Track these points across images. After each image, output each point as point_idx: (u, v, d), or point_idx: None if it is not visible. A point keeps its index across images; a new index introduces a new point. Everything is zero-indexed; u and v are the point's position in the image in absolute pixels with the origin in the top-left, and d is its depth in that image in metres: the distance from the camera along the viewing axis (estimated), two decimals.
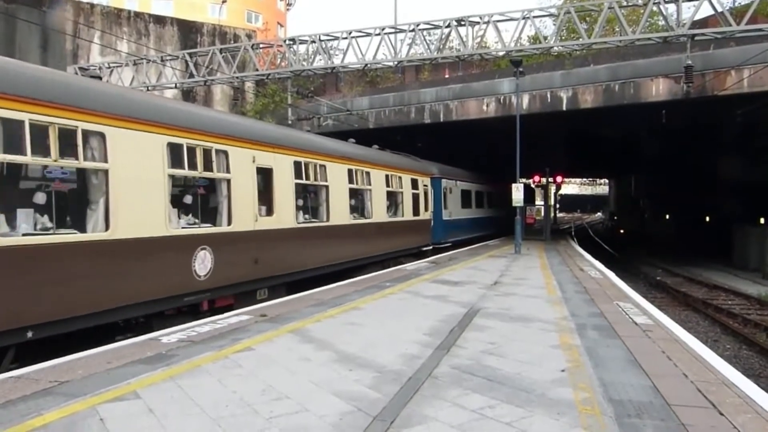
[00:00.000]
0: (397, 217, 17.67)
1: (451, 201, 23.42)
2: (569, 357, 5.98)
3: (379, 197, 16.09)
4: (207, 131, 9.09)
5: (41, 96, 6.36)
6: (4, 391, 4.76)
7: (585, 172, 63.87)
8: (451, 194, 23.29)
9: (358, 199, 15.01)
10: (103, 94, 7.65)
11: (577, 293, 10.70)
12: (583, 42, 16.14)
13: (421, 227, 19.86)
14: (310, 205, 12.67)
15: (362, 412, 4.33)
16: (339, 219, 13.49)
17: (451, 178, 23.67)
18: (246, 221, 9.88)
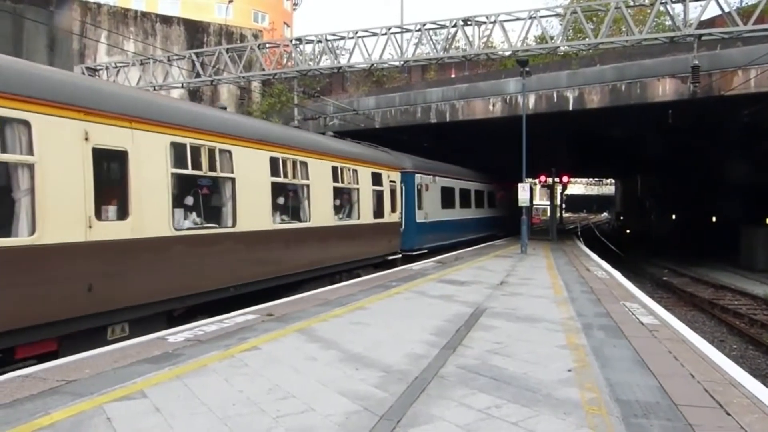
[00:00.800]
0: (351, 219, 14.30)
1: (429, 200, 20.29)
2: (576, 357, 5.97)
3: (322, 195, 12.82)
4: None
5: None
6: (11, 389, 4.79)
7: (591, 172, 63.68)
8: (428, 192, 20.17)
9: (288, 197, 11.71)
10: None
11: (583, 293, 10.67)
12: (590, 42, 16.08)
13: (386, 231, 16.40)
14: (206, 203, 9.28)
15: (369, 411, 4.33)
16: (255, 223, 10.18)
17: (429, 174, 20.57)
18: (67, 228, 6.58)
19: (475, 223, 26.77)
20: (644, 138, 28.12)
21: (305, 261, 11.98)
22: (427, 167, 20.64)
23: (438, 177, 21.42)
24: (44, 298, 6.33)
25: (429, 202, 20.19)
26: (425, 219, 19.67)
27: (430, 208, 20.33)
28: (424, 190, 19.75)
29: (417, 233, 19.01)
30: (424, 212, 19.60)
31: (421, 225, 19.34)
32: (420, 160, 20.37)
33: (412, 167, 19.01)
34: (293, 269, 11.54)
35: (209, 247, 9.15)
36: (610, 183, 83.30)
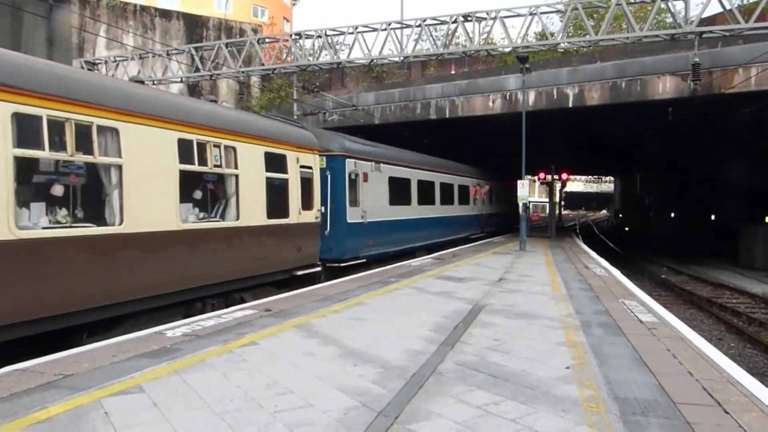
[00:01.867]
0: (226, 221, 9.61)
1: (370, 194, 15.62)
2: (574, 354, 5.96)
3: (157, 183, 8.06)
4: None
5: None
6: (8, 383, 4.78)
7: (590, 169, 63.70)
8: (368, 183, 15.58)
9: (86, 185, 7.27)
10: None
11: (582, 290, 10.67)
12: (591, 39, 16.06)
13: (293, 236, 11.60)
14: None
15: (367, 407, 4.33)
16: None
17: (370, 159, 15.88)
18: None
19: (447, 223, 22.55)
20: (644, 136, 28.13)
21: (125, 286, 7.49)
22: (366, 151, 16.07)
23: (385, 164, 16.90)
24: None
25: (369, 197, 15.53)
26: (362, 218, 15.08)
27: (371, 205, 15.57)
28: (362, 181, 15.23)
29: (349, 237, 14.58)
30: (360, 209, 15.03)
31: (355, 227, 14.86)
32: (356, 141, 16.02)
33: (340, 149, 14.59)
34: (100, 300, 7.13)
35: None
36: (609, 180, 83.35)
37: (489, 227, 29.63)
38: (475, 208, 27.34)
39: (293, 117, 22.69)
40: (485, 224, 28.94)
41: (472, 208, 26.72)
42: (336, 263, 14.04)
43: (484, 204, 28.84)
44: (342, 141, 15.06)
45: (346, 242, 14.50)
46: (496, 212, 31.85)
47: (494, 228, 30.59)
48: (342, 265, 14.17)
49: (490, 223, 29.91)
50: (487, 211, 29.54)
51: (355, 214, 14.93)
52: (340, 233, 14.22)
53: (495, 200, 31.65)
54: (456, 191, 24.28)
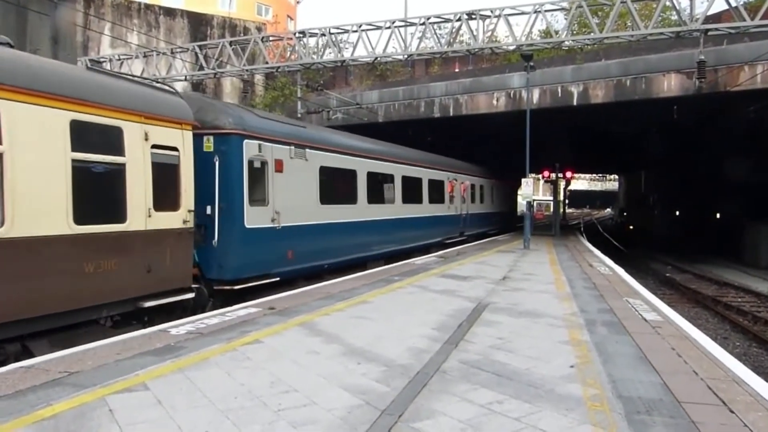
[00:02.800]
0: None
1: (287, 188, 11.49)
2: (578, 353, 5.95)
3: None
4: None
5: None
6: (14, 380, 4.80)
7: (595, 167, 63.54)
8: (285, 175, 11.42)
9: None
10: None
11: (586, 289, 10.65)
12: (595, 36, 15.99)
13: (141, 249, 7.90)
14: None
15: (370, 405, 4.33)
16: None
17: (288, 142, 11.68)
18: None
19: (412, 225, 18.56)
20: (648, 134, 28.03)
21: None
22: (281, 132, 11.66)
23: (314, 150, 12.60)
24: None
25: (287, 193, 11.42)
26: (273, 222, 10.91)
27: (291, 203, 11.50)
28: (272, 171, 11.02)
29: (249, 248, 10.40)
30: (269, 210, 10.87)
31: (260, 234, 10.63)
32: (266, 116, 12.39)
33: (235, 126, 10.24)
34: None
35: None
36: (613, 179, 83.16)
37: (473, 229, 25.70)
38: (453, 208, 23.11)
39: (297, 116, 22.67)
40: (467, 226, 24.76)
41: (447, 207, 22.34)
42: (229, 285, 9.82)
43: (465, 202, 24.66)
44: (239, 114, 10.71)
45: (243, 255, 10.17)
46: (484, 212, 28.28)
47: (481, 230, 27.31)
48: (238, 287, 9.90)
49: (474, 225, 26.01)
50: (472, 211, 25.56)
51: (260, 217, 10.63)
52: (234, 243, 9.94)
53: (483, 198, 28.19)
54: (425, 187, 20.03)
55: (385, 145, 17.82)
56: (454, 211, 23.19)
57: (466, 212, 24.54)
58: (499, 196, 31.73)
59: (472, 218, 25.43)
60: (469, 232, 24.84)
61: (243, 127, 10.42)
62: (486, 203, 28.88)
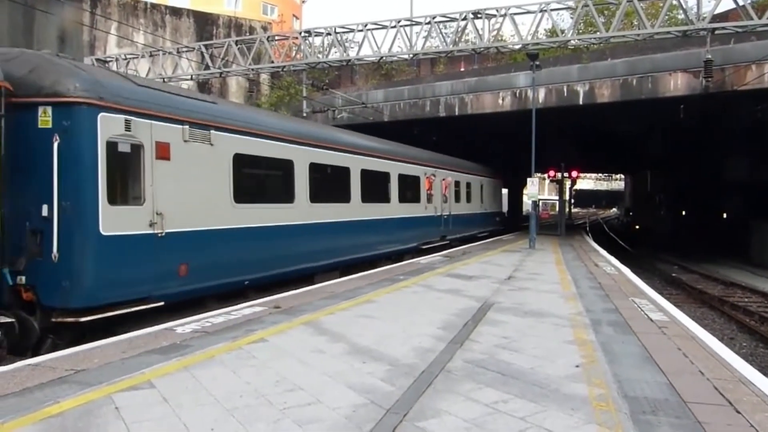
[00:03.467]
0: None
1: (178, 182, 8.71)
2: (584, 353, 5.94)
3: None
4: None
5: None
6: (21, 378, 4.83)
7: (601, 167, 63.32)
8: (174, 164, 8.64)
9: None
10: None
11: (591, 289, 10.62)
12: (601, 36, 15.95)
13: None
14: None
15: (375, 404, 4.33)
16: None
17: (182, 120, 8.88)
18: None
19: (375, 229, 15.53)
20: (655, 133, 27.92)
21: None
22: (165, 103, 8.66)
23: (225, 132, 9.74)
24: None
25: (176, 188, 8.66)
26: (152, 228, 8.16)
27: (183, 202, 8.76)
28: (151, 158, 8.24)
29: (108, 262, 7.53)
30: (147, 210, 8.12)
31: (127, 243, 7.81)
32: (139, 83, 8.89)
33: (83, 92, 7.39)
34: None
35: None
36: (619, 178, 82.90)
37: (458, 232, 22.89)
38: (432, 208, 20.07)
39: (302, 115, 22.69)
40: (450, 229, 21.75)
41: (425, 207, 19.29)
42: (79, 315, 7.02)
43: (448, 202, 21.58)
44: (92, 77, 7.71)
45: (100, 273, 7.39)
46: (472, 213, 25.25)
47: (468, 233, 24.46)
48: (92, 319, 7.10)
49: (459, 227, 23.03)
50: (456, 212, 22.50)
51: (129, 220, 7.81)
52: (84, 256, 7.27)
53: (470, 197, 25.17)
54: (394, 183, 17.00)
55: (338, 132, 14.76)
56: (433, 212, 19.91)
57: (448, 213, 21.43)
58: (489, 195, 28.72)
59: (456, 220, 22.26)
60: (452, 236, 21.69)
61: (98, 95, 7.42)
62: (474, 203, 25.69)
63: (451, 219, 21.76)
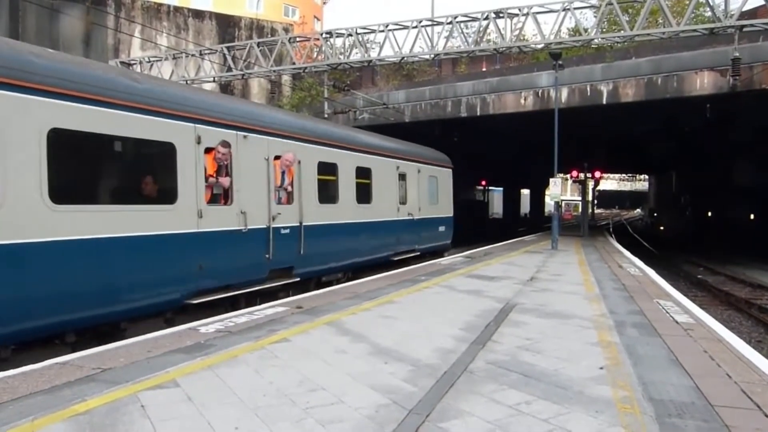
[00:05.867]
0: None
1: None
2: (608, 354, 5.87)
3: None
4: None
5: None
6: (50, 376, 4.92)
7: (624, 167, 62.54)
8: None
9: None
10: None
11: (615, 290, 10.49)
12: (625, 34, 15.75)
13: None
14: None
15: (398, 405, 4.33)
16: None
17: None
18: None
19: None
20: (680, 133, 27.49)
21: None
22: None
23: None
24: None
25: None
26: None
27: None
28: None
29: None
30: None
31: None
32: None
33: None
34: None
35: None
36: (643, 179, 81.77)
37: (326, 260, 11.92)
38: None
39: (323, 116, 22.79)
40: (299, 255, 10.80)
41: (237, 216, 9.36)
42: None
43: (292, 201, 10.84)
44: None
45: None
46: (372, 221, 13.92)
47: (361, 258, 13.43)
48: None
49: (330, 252, 12.08)
50: (314, 221, 11.40)
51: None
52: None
53: (373, 194, 14.03)
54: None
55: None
56: (239, 224, 9.23)
57: (292, 224, 10.58)
58: (424, 192, 17.32)
59: (315, 236, 11.20)
60: (304, 270, 10.91)
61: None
62: (382, 203, 14.48)
63: (297, 234, 10.61)
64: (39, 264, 6.15)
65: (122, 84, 7.39)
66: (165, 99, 7.96)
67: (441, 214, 18.65)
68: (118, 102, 7.11)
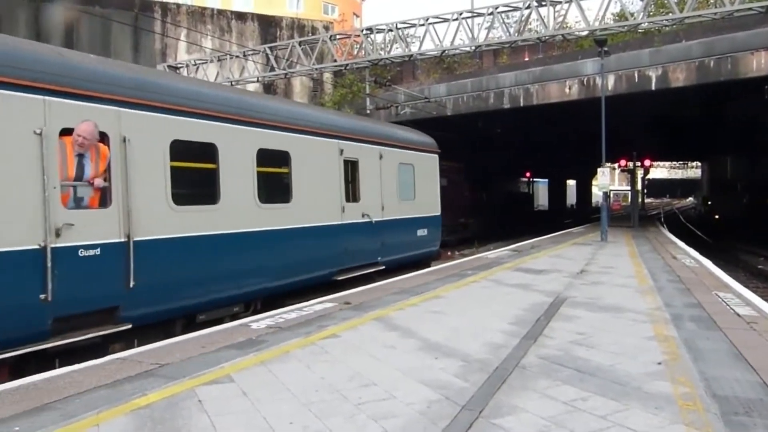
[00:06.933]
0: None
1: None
2: (665, 349, 5.68)
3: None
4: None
5: None
6: (111, 371, 5.10)
7: (675, 154, 60.43)
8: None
9: None
10: None
11: (670, 282, 10.15)
12: (675, 17, 15.19)
13: None
14: None
15: (450, 400, 4.30)
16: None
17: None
18: None
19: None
20: (735, 117, 26.38)
21: None
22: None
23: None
24: None
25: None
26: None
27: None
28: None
29: None
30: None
31: None
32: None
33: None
34: None
35: None
36: (695, 166, 78.94)
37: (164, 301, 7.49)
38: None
39: (365, 112, 22.85)
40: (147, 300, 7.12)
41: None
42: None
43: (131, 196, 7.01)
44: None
45: None
46: (298, 227, 9.97)
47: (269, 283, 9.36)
48: None
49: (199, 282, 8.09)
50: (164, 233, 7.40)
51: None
52: None
53: (298, 187, 9.92)
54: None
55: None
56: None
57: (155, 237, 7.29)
58: (397, 185, 13.21)
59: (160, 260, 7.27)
60: (141, 311, 6.94)
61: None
62: (323, 202, 10.67)
63: (120, 256, 6.70)
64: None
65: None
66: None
67: (420, 212, 14.17)
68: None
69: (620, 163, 33.52)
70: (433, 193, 15.11)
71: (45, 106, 5.94)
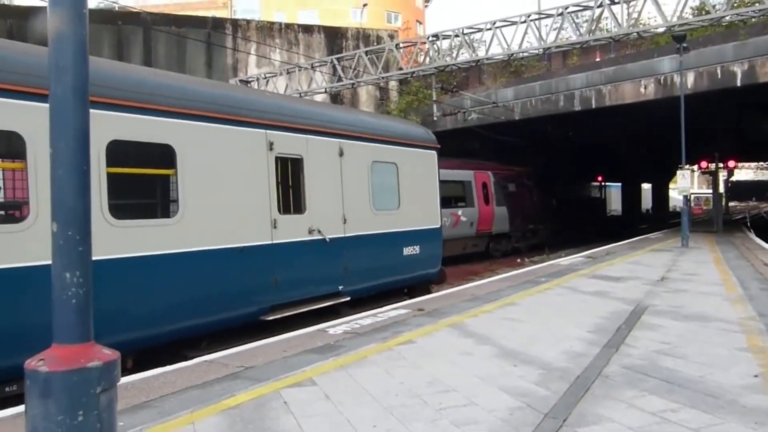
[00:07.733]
0: None
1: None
2: (762, 361, 5.37)
3: None
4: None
5: None
6: (200, 373, 5.34)
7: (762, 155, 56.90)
8: None
9: None
10: None
11: (763, 291, 9.58)
12: (763, 7, 14.37)
13: None
14: None
15: (532, 408, 4.25)
16: None
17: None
18: None
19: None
20: None
21: None
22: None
23: None
24: None
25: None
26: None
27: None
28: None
29: None
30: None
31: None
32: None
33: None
34: None
35: None
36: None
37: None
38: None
39: (432, 119, 22.82)
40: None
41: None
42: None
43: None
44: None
45: None
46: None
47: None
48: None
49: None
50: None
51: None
52: None
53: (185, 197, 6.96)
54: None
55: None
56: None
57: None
58: (368, 191, 9.88)
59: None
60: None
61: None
62: (238, 215, 7.57)
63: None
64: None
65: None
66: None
67: (408, 225, 10.80)
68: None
69: (701, 164, 31.98)
70: (428, 200, 11.64)
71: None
